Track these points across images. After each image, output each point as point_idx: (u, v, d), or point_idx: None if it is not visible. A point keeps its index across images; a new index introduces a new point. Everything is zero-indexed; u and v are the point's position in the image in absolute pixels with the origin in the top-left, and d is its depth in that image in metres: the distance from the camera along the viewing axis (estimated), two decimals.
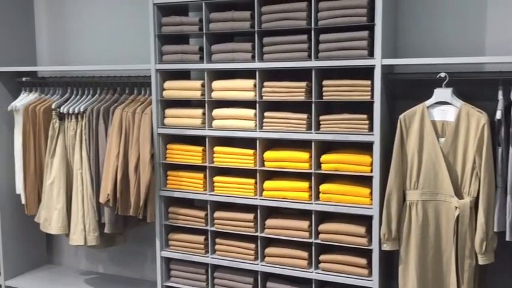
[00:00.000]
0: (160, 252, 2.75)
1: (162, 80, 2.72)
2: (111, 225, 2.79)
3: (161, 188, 2.74)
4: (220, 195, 2.61)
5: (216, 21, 2.56)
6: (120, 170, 2.71)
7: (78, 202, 2.89)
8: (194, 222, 2.68)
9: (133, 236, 3.22)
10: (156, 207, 2.73)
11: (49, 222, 2.94)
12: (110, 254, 3.35)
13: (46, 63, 3.42)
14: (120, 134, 2.74)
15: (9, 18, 3.18)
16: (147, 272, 3.25)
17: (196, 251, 2.68)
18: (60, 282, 3.22)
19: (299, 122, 2.42)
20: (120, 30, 3.19)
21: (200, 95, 2.63)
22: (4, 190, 3.19)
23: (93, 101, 2.97)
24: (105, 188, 2.74)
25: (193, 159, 2.66)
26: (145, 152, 2.67)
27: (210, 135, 2.61)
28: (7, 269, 3.22)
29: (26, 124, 3.04)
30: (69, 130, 2.96)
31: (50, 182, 2.94)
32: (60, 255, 3.53)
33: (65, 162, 2.95)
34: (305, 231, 2.42)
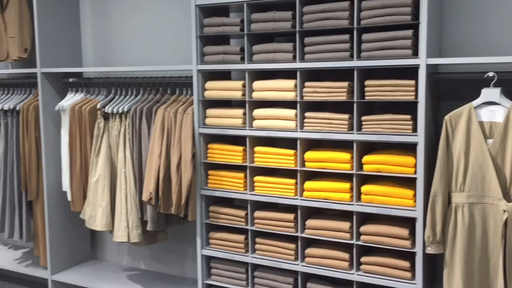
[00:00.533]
0: (201, 250, 2.79)
1: (203, 80, 2.75)
2: (153, 223, 2.84)
3: (202, 187, 2.77)
4: (261, 195, 2.62)
5: (257, 21, 2.57)
6: (162, 169, 2.76)
7: (121, 200, 2.96)
8: (234, 222, 2.70)
9: (174, 234, 3.27)
10: (197, 206, 2.77)
11: (94, 219, 3.02)
12: (151, 251, 3.42)
13: (91, 65, 3.52)
14: (163, 133, 2.79)
15: (56, 22, 3.29)
16: (188, 270, 3.30)
17: (237, 250, 2.70)
18: (104, 278, 3.29)
19: (340, 122, 2.40)
20: (162, 31, 3.25)
21: (241, 95, 2.65)
22: (51, 187, 3.29)
23: (136, 101, 3.03)
24: (148, 187, 2.79)
25: (234, 159, 2.68)
26: (187, 151, 2.71)
27: (251, 135, 2.63)
28: (54, 263, 3.32)
29: (72, 123, 3.13)
30: (113, 129, 3.03)
31: (95, 180, 3.02)
32: (103, 251, 3.62)
33: (109, 160, 3.03)
34: (346, 232, 2.40)
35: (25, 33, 3.43)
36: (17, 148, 3.34)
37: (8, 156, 3.37)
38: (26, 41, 3.44)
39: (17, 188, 3.35)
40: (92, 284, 3.21)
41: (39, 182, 3.30)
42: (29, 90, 3.51)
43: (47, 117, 3.27)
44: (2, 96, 3.54)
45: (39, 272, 3.39)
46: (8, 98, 3.50)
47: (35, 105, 3.29)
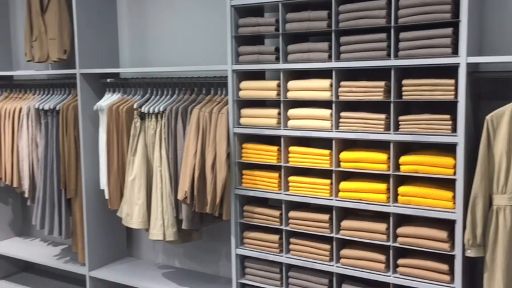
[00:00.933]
0: (235, 249, 2.80)
1: (238, 80, 2.76)
2: (188, 221, 2.87)
3: (237, 186, 2.78)
4: (295, 195, 2.61)
5: (292, 21, 2.56)
6: (197, 168, 2.78)
7: (157, 198, 3.00)
8: (269, 221, 2.70)
9: (208, 233, 3.30)
10: (232, 206, 2.78)
11: (131, 217, 3.07)
12: (185, 249, 3.46)
13: (128, 65, 3.58)
14: (198, 133, 2.82)
15: (94, 24, 3.36)
16: (221, 269, 3.32)
17: (271, 249, 2.70)
18: (140, 275, 3.35)
19: (377, 122, 2.37)
20: (197, 32, 3.28)
21: (276, 95, 2.65)
22: (89, 185, 3.37)
23: (172, 101, 3.07)
24: (183, 186, 2.82)
25: (269, 158, 2.68)
26: (222, 151, 2.73)
27: (286, 135, 2.62)
28: (91, 260, 3.40)
29: (110, 123, 3.20)
30: (149, 129, 3.08)
31: (132, 179, 3.07)
32: (139, 248, 3.68)
33: (146, 159, 3.07)
34: (383, 233, 2.37)
35: (64, 35, 3.52)
36: (57, 147, 3.43)
37: (48, 154, 3.47)
38: (65, 42, 3.53)
39: (56, 186, 3.44)
40: (128, 281, 3.27)
41: (78, 180, 3.39)
42: (68, 90, 3.60)
43: (86, 116, 3.35)
44: (43, 97, 3.65)
45: (77, 268, 3.47)
46: (48, 98, 3.60)
47: (74, 105, 3.37)
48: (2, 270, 4.05)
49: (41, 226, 3.50)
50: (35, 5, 3.59)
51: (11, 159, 3.65)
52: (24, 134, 3.59)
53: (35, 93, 3.72)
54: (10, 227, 4.14)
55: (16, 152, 3.63)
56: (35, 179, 3.56)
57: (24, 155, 3.60)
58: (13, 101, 3.74)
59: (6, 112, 3.67)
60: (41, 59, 3.60)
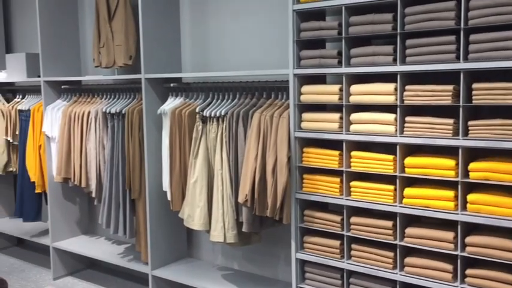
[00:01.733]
0: (295, 254, 2.79)
1: (299, 84, 2.76)
2: (249, 224, 2.89)
3: (297, 190, 2.78)
4: (357, 200, 2.57)
5: (355, 24, 2.54)
6: (258, 172, 2.81)
7: (218, 201, 3.05)
8: (330, 226, 2.68)
9: (267, 236, 3.31)
10: (292, 210, 2.78)
11: (192, 218, 3.14)
12: (244, 252, 3.49)
13: (190, 70, 3.67)
14: (259, 136, 2.84)
15: (159, 30, 3.46)
16: (280, 273, 3.32)
17: (332, 255, 2.67)
18: (200, 275, 3.41)
19: (444, 127, 2.29)
20: (257, 36, 3.31)
21: (338, 99, 2.62)
22: (153, 187, 3.47)
23: (233, 105, 3.11)
24: (244, 189, 2.85)
25: (330, 163, 2.66)
26: (283, 155, 2.74)
27: (348, 139, 2.59)
28: (154, 260, 3.50)
29: (173, 126, 3.28)
30: (211, 132, 3.13)
31: (194, 181, 3.13)
32: (198, 250, 3.75)
33: (207, 162, 3.13)
34: (450, 242, 2.29)
35: (130, 42, 3.66)
36: (122, 149, 3.56)
37: (114, 156, 3.60)
38: (131, 48, 3.66)
39: (121, 187, 3.57)
40: (189, 281, 3.34)
41: (142, 181, 3.50)
42: (133, 94, 3.73)
43: (150, 120, 3.45)
44: (109, 101, 3.80)
45: (140, 267, 3.58)
46: (114, 102, 3.74)
47: (139, 109, 3.49)
48: (69, 266, 4.25)
49: (106, 225, 3.64)
50: (103, 13, 3.75)
51: (80, 161, 3.82)
52: (92, 136, 3.76)
53: (102, 97, 3.88)
54: (77, 225, 4.33)
55: (84, 153, 3.80)
56: (102, 179, 3.71)
57: (91, 157, 3.76)
58: (82, 104, 3.92)
59: (76, 115, 3.85)
60: (108, 65, 3.76)
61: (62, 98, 4.13)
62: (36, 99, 4.33)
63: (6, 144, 4.45)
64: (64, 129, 3.90)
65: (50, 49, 4.05)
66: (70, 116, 3.88)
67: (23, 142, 4.27)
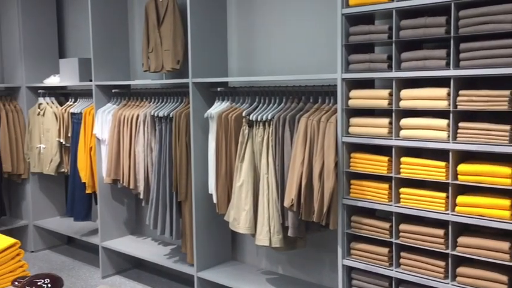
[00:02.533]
0: (342, 260, 2.77)
1: (347, 89, 2.74)
2: (294, 229, 2.89)
3: (344, 196, 2.75)
4: (407, 207, 2.52)
5: (407, 28, 2.49)
6: (304, 177, 2.80)
7: (264, 205, 3.06)
8: (378, 233, 2.64)
9: (312, 241, 3.30)
10: (339, 215, 2.75)
11: (238, 221, 3.16)
12: (288, 256, 3.48)
13: (236, 74, 3.70)
14: (305, 141, 2.84)
15: (206, 35, 3.51)
16: (325, 278, 3.30)
17: (380, 262, 2.63)
18: (244, 279, 3.42)
19: (501, 133, 2.22)
20: (304, 40, 3.30)
21: (387, 104, 2.58)
22: (199, 190, 3.52)
23: (279, 109, 3.12)
24: (290, 193, 2.85)
25: (378, 169, 2.62)
26: (330, 160, 2.72)
27: (397, 145, 2.55)
28: (199, 261, 3.54)
29: (219, 130, 3.32)
30: (257, 136, 3.15)
31: (239, 185, 3.16)
32: (243, 253, 3.77)
33: (253, 166, 3.15)
34: (505, 253, 2.21)
35: (178, 46, 3.73)
36: (170, 152, 3.63)
37: (161, 159, 3.68)
38: (178, 53, 3.73)
39: (168, 189, 3.63)
40: (233, 284, 3.36)
41: (188, 184, 3.55)
42: (180, 98, 3.79)
43: (196, 123, 3.51)
44: (157, 104, 3.88)
45: (186, 268, 3.63)
46: (162, 106, 3.82)
47: (186, 113, 3.55)
48: (117, 265, 4.36)
49: (153, 226, 3.71)
50: (152, 19, 3.85)
51: (128, 163, 3.92)
52: (141, 139, 3.85)
53: (150, 101, 3.97)
54: (125, 226, 4.44)
55: (133, 156, 3.89)
56: (149, 181, 3.79)
57: (140, 159, 3.85)
58: (131, 108, 4.02)
59: (125, 119, 3.95)
60: (156, 69, 3.84)
61: (112, 102, 4.25)
62: (87, 103, 4.48)
63: (59, 146, 4.63)
64: (114, 132, 4.01)
65: (102, 54, 4.18)
66: (120, 119, 3.99)
67: (74, 144, 4.42)
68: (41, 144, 4.74)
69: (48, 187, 5.08)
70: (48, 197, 5.09)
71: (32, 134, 4.83)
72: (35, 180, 4.97)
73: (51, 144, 4.65)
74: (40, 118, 4.74)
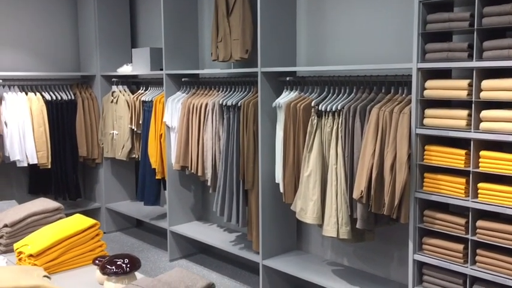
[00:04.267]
0: (413, 255, 2.70)
1: (423, 79, 2.65)
2: (363, 221, 2.85)
3: (417, 189, 2.68)
4: (486, 203, 2.42)
5: (490, 15, 2.37)
6: (375, 169, 2.75)
7: (332, 196, 3.03)
8: (453, 229, 2.55)
9: (381, 234, 3.24)
10: (411, 209, 2.69)
11: (305, 211, 3.16)
12: (355, 248, 3.45)
13: (304, 64, 3.68)
14: (376, 132, 2.78)
15: (275, 25, 3.51)
16: (393, 273, 3.24)
17: (454, 259, 2.54)
18: (309, 269, 3.43)
19: None
20: (376, 29, 3.22)
21: (466, 94, 2.48)
22: (265, 178, 3.54)
23: (349, 99, 3.07)
24: (359, 185, 2.81)
25: (455, 162, 2.53)
26: (403, 152, 2.65)
27: (477, 138, 2.44)
28: (265, 249, 3.58)
29: (287, 120, 3.32)
30: (325, 127, 3.12)
31: (307, 175, 3.15)
32: (308, 243, 3.77)
33: (321, 157, 3.13)
34: None
35: (247, 36, 3.75)
36: (237, 140, 3.68)
37: (229, 147, 3.73)
38: (247, 42, 3.76)
39: (235, 177, 3.69)
40: (298, 273, 3.37)
41: (255, 172, 3.59)
42: (248, 88, 3.83)
43: (264, 113, 3.52)
44: (225, 93, 3.93)
45: (251, 256, 3.68)
46: (230, 95, 3.87)
47: (254, 102, 3.57)
48: (183, 249, 4.49)
49: (220, 213, 3.79)
50: (222, 9, 3.89)
51: (197, 150, 4.01)
52: (209, 127, 3.92)
53: (219, 90, 4.03)
54: (192, 212, 4.56)
55: (201, 144, 3.98)
56: (217, 169, 3.86)
57: (208, 147, 3.93)
58: (200, 97, 4.10)
59: (194, 107, 4.04)
60: (224, 59, 3.89)
61: (181, 90, 4.36)
62: (158, 91, 4.62)
63: (130, 132, 4.81)
64: (183, 120, 4.12)
65: (172, 44, 4.28)
66: (189, 107, 4.08)
67: (145, 131, 4.58)
68: (114, 130, 4.95)
69: (120, 172, 5.31)
70: (119, 181, 5.32)
71: (105, 120, 5.06)
72: (108, 165, 5.21)
73: (124, 131, 4.85)
74: (113, 105, 4.95)
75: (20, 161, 4.56)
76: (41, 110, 4.70)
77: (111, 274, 2.17)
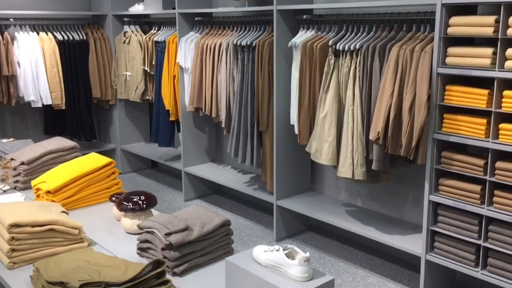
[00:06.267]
0: (428, 195, 2.69)
1: (447, 15, 2.53)
2: (379, 162, 2.83)
3: (435, 130, 2.63)
4: (507, 144, 2.37)
5: None
6: (393, 109, 2.69)
7: (348, 137, 3.00)
8: (471, 170, 2.52)
9: (395, 176, 3.23)
10: (428, 150, 2.65)
11: (320, 153, 3.14)
12: (369, 190, 3.45)
13: (322, 1, 3.54)
14: (396, 72, 2.70)
15: None
16: (406, 214, 3.25)
17: (471, 200, 2.52)
18: (323, 209, 3.45)
19: None
20: None
21: (492, 32, 2.37)
22: (280, 120, 3.51)
23: (368, 38, 2.97)
24: (376, 126, 2.77)
25: (476, 103, 2.46)
26: (422, 92, 2.58)
27: (501, 77, 2.36)
28: (279, 190, 3.60)
29: (303, 60, 3.24)
30: (343, 67, 3.04)
31: (323, 116, 3.10)
32: (322, 184, 3.78)
33: (338, 98, 3.07)
34: None
35: None
36: (252, 81, 3.62)
37: (243, 88, 3.68)
38: None
39: (250, 118, 3.66)
40: (312, 213, 3.41)
41: (270, 114, 3.55)
42: (263, 27, 3.71)
43: (280, 53, 3.44)
44: (240, 33, 3.83)
45: (265, 196, 3.71)
46: (244, 35, 3.77)
47: (270, 42, 3.48)
48: (198, 190, 4.55)
49: (234, 154, 3.79)
50: None
51: (211, 91, 3.96)
52: (223, 68, 3.85)
53: (233, 30, 3.93)
54: (206, 153, 4.58)
55: (215, 84, 3.92)
56: (231, 110, 3.83)
57: (222, 88, 3.88)
58: (213, 37, 4.00)
59: (208, 47, 3.95)
60: None
61: (194, 30, 4.26)
62: (170, 31, 4.52)
63: (143, 73, 4.76)
64: (196, 60, 4.05)
65: None
66: (202, 47, 4.00)
67: (158, 72, 4.53)
68: (127, 71, 4.90)
69: (134, 114, 5.31)
70: (133, 123, 5.33)
71: (118, 61, 5.00)
72: (122, 107, 5.20)
73: (137, 72, 4.80)
74: (125, 46, 4.87)
75: (35, 101, 4.56)
76: (53, 50, 4.65)
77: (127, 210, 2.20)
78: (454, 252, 2.62)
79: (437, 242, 2.70)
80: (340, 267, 3.26)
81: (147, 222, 1.97)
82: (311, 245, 3.58)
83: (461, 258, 2.59)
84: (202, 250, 1.93)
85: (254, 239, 3.69)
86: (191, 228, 1.91)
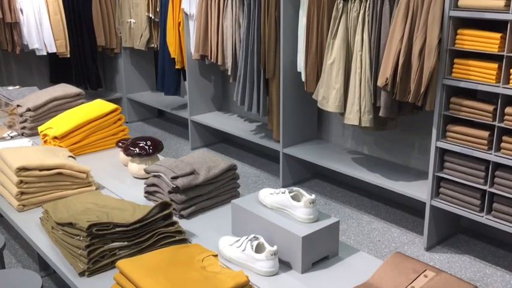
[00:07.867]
0: (435, 142, 2.67)
1: None
2: (386, 109, 2.80)
3: (445, 76, 2.58)
4: None
5: None
6: (402, 55, 2.64)
7: (355, 83, 2.96)
8: (480, 116, 2.49)
9: (402, 123, 3.21)
10: (437, 96, 2.61)
11: (327, 100, 3.11)
12: (375, 137, 3.44)
13: None
14: (406, 16, 2.63)
15: None
16: (413, 161, 3.25)
17: (478, 146, 2.51)
18: (330, 157, 3.46)
19: None
20: None
21: None
22: (287, 67, 3.46)
23: None
24: (385, 72, 2.72)
25: (488, 47, 2.40)
26: (433, 36, 2.52)
27: None
28: (285, 138, 3.60)
29: (311, 5, 3.15)
30: (352, 11, 2.96)
31: (330, 62, 3.05)
32: (328, 132, 3.77)
33: (346, 43, 3.00)
34: None
35: None
36: (258, 28, 3.54)
37: (250, 35, 3.60)
38: None
39: (256, 66, 3.60)
40: (319, 161, 3.42)
41: (277, 61, 3.50)
42: None
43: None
44: None
45: (272, 144, 3.72)
46: None
47: None
48: (204, 139, 4.56)
49: (241, 103, 3.76)
50: None
51: (216, 39, 3.89)
52: (229, 14, 3.76)
53: None
54: (212, 102, 4.56)
55: (221, 31, 3.85)
56: (237, 58, 3.77)
57: (228, 35, 3.80)
58: None
59: None
60: None
61: None
62: None
63: (148, 21, 4.67)
64: (202, 6, 3.95)
65: None
66: None
67: (163, 19, 4.44)
68: (131, 19, 4.81)
69: (139, 62, 5.25)
70: (139, 71, 5.28)
71: (122, 8, 4.89)
72: (127, 55, 5.13)
73: (141, 19, 4.70)
74: None
75: (39, 49, 4.51)
76: None
77: (134, 155, 2.22)
78: (460, 197, 2.63)
79: (443, 188, 2.71)
80: (346, 213, 3.31)
81: (153, 167, 1.99)
82: (317, 192, 3.62)
83: (466, 204, 2.61)
84: (208, 194, 1.96)
85: (260, 186, 3.73)
86: (197, 172, 1.92)
